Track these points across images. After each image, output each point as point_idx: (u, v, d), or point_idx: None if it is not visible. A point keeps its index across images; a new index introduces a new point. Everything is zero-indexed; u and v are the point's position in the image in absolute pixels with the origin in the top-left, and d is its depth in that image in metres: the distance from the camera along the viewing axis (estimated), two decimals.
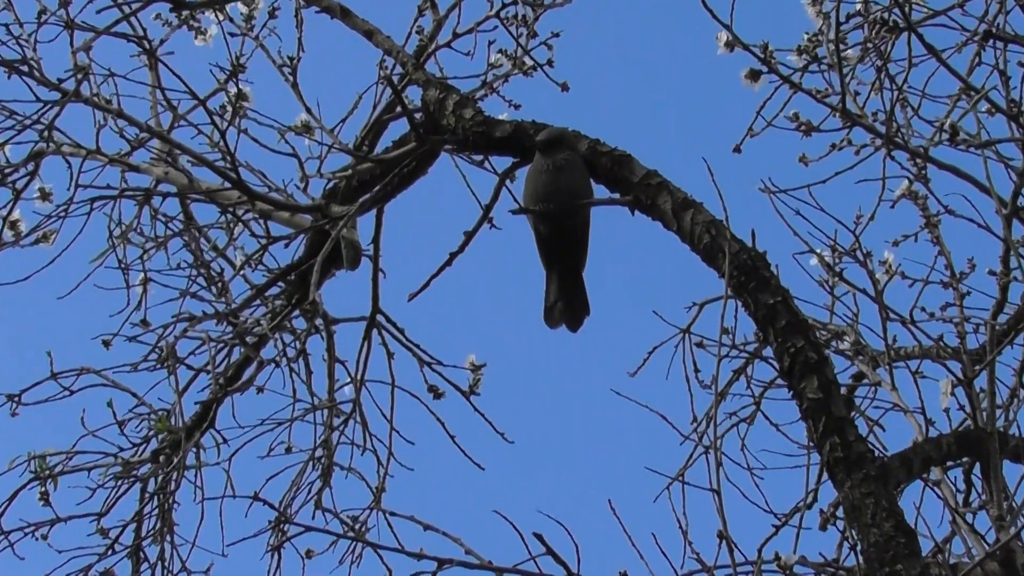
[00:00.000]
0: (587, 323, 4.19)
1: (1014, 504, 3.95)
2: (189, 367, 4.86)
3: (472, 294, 7.52)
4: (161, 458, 4.85)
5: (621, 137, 4.09)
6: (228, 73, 4.82)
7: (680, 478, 4.59)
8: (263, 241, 4.84)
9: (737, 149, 4.66)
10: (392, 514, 4.56)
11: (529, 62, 4.91)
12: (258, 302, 4.86)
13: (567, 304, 4.17)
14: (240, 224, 5.07)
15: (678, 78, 8.42)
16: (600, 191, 4.07)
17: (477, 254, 4.01)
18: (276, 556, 4.75)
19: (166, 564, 4.87)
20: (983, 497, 4.11)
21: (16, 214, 4.90)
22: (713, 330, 4.94)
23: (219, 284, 5.11)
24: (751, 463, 4.82)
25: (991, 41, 4.45)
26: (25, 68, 4.57)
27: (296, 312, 4.85)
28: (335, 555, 4.75)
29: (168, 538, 4.87)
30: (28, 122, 4.68)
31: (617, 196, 3.98)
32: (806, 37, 4.68)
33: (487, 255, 5.26)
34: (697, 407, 4.89)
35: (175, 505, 4.86)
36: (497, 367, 4.93)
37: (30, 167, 4.87)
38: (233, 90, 4.82)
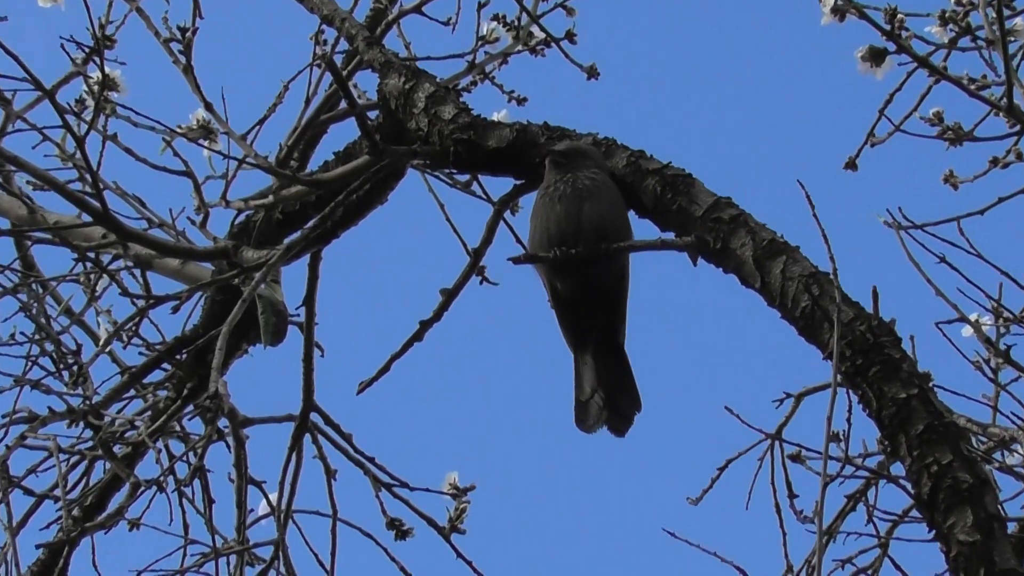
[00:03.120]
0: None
1: None
2: (28, 491, 4.86)
3: (452, 382, 7.61)
4: None
5: (675, 148, 4.09)
6: (89, 50, 4.82)
7: None
8: (140, 303, 4.81)
9: (851, 164, 4.71)
10: None
11: (539, 35, 4.95)
12: (132, 393, 4.86)
13: (608, 396, 4.19)
14: (105, 276, 5.08)
15: (758, 61, 8.68)
16: (645, 227, 4.08)
17: (461, 322, 4.07)
18: None
19: None
20: None
21: None
22: (816, 436, 5.00)
23: (74, 366, 5.10)
24: None
25: None
26: None
27: (190, 409, 4.84)
28: None
29: None
30: None
31: (672, 236, 3.99)
32: (953, 0, 4.64)
33: (476, 323, 5.35)
34: (793, 550, 5.00)
35: None
36: (490, 490, 5.01)
37: None
38: (96, 75, 4.84)
